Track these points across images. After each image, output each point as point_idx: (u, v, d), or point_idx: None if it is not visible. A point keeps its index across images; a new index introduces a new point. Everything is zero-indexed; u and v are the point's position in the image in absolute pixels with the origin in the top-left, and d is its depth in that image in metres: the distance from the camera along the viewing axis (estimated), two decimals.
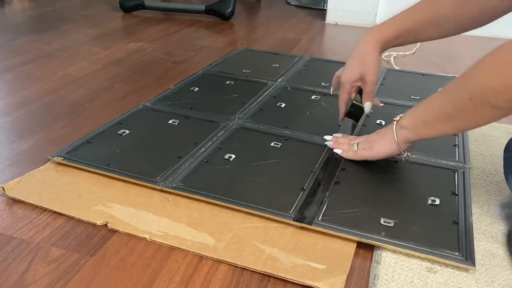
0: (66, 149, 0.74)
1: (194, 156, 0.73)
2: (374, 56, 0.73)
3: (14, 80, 1.08)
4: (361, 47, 0.74)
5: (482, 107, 0.53)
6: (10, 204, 0.63)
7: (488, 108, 0.52)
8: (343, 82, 0.76)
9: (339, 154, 0.73)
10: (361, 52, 0.74)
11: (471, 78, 0.54)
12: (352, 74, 0.75)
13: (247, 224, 0.59)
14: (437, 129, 0.60)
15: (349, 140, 0.74)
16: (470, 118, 0.55)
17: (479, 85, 0.52)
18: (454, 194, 0.66)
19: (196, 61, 1.24)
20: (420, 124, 0.62)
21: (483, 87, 0.52)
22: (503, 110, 0.52)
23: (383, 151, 0.68)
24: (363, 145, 0.71)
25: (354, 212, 0.61)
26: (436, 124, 0.60)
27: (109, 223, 0.59)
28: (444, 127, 0.59)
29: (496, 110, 0.52)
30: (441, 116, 0.58)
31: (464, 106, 0.54)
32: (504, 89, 0.50)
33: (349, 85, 0.76)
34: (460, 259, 0.54)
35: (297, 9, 1.98)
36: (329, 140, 0.77)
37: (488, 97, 0.51)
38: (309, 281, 0.50)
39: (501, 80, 0.50)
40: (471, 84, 0.53)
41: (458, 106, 0.55)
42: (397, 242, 0.56)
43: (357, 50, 0.75)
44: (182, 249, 0.55)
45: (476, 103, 0.53)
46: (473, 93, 0.53)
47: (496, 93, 0.50)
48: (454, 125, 0.58)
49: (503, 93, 0.50)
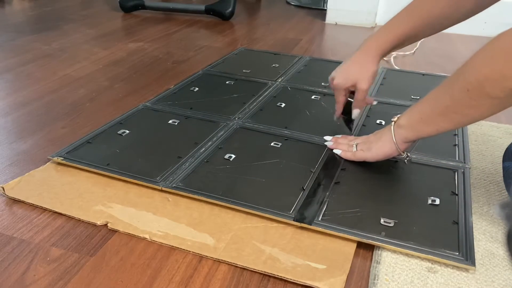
0: (66, 149, 0.74)
1: (194, 156, 0.73)
2: (372, 66, 0.73)
3: (14, 80, 1.08)
4: (360, 55, 0.74)
5: (479, 98, 0.52)
6: (10, 204, 0.63)
7: (484, 98, 0.52)
8: (336, 87, 0.77)
9: (339, 155, 0.73)
10: (360, 59, 0.74)
11: (467, 69, 0.53)
12: (345, 81, 0.75)
13: (247, 224, 0.59)
14: (435, 124, 0.59)
15: (348, 140, 0.74)
16: (468, 111, 0.54)
17: (475, 76, 0.52)
18: (454, 194, 0.66)
19: (196, 61, 1.24)
20: (418, 121, 0.61)
21: (479, 77, 0.51)
22: (500, 100, 0.51)
23: (381, 152, 0.67)
24: (362, 146, 0.71)
25: (354, 212, 0.61)
26: (433, 119, 0.59)
27: (109, 223, 0.59)
28: (442, 122, 0.58)
29: (492, 100, 0.51)
30: (438, 110, 0.58)
31: (461, 97, 0.54)
32: (499, 78, 0.49)
33: (342, 91, 0.77)
34: (460, 259, 0.54)
35: (297, 9, 1.98)
36: (329, 140, 0.77)
37: (484, 87, 0.51)
38: (309, 281, 0.50)
39: (497, 69, 0.49)
40: (467, 75, 0.53)
41: (455, 98, 0.55)
42: (397, 242, 0.56)
43: (356, 57, 0.75)
44: (182, 249, 0.55)
45: (472, 93, 0.52)
46: (469, 84, 0.52)
47: (491, 83, 0.50)
48: (451, 119, 0.57)
49: (498, 82, 0.49)
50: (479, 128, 0.88)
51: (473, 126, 0.89)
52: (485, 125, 0.90)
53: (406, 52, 1.36)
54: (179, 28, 1.59)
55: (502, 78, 0.49)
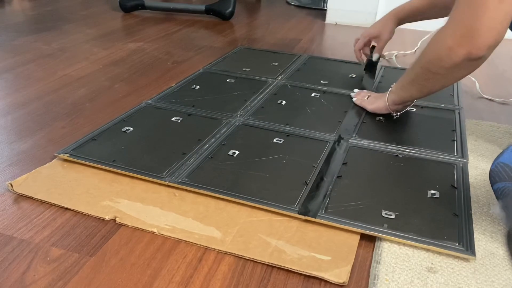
0: (72, 146, 0.75)
1: (198, 152, 0.74)
2: (392, 25, 1.03)
3: (14, 80, 1.08)
4: (384, 18, 1.05)
5: (428, 73, 0.72)
6: (10, 204, 0.63)
7: (432, 74, 0.72)
8: (363, 35, 1.08)
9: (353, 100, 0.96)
10: (384, 20, 1.05)
11: (422, 53, 0.74)
12: (372, 30, 1.06)
13: (253, 218, 0.61)
14: (409, 91, 0.80)
15: (365, 93, 0.96)
16: (426, 83, 0.75)
17: (424, 58, 0.73)
18: (454, 187, 0.67)
19: (196, 61, 1.24)
20: (400, 88, 0.82)
21: (426, 59, 0.72)
22: (442, 75, 0.70)
23: (377, 107, 0.89)
24: (369, 99, 0.92)
25: (357, 205, 0.63)
26: (407, 87, 0.80)
27: (117, 217, 0.60)
28: (412, 90, 0.79)
29: (437, 76, 0.71)
30: (409, 81, 0.79)
31: (420, 72, 0.75)
32: (437, 58, 0.69)
33: (367, 38, 1.07)
34: (460, 250, 0.55)
35: (297, 9, 1.99)
36: (355, 92, 0.99)
37: (429, 66, 0.71)
38: (315, 271, 0.52)
39: (435, 52, 0.69)
40: (421, 57, 0.74)
41: (417, 73, 0.76)
42: (398, 234, 0.57)
43: (381, 19, 1.06)
44: (190, 242, 0.56)
45: (424, 70, 0.73)
46: (422, 63, 0.73)
47: (433, 62, 0.70)
48: (417, 88, 0.78)
49: (436, 62, 0.69)
50: (478, 128, 0.89)
51: (473, 126, 0.90)
52: (485, 125, 0.91)
53: (407, 51, 1.37)
54: (179, 28, 1.60)
55: (438, 60, 0.68)
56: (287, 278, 0.52)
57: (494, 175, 0.61)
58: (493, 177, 0.62)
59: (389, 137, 0.82)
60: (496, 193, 0.61)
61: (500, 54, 0.68)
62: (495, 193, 0.62)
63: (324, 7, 1.89)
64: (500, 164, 0.60)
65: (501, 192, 0.62)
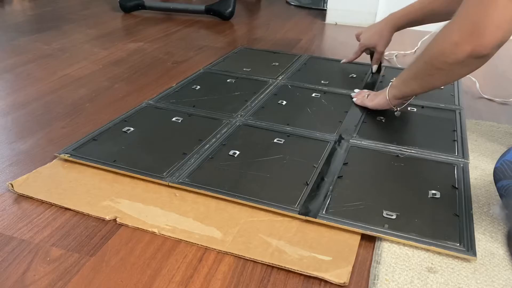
0: (72, 146, 0.75)
1: (198, 153, 0.74)
2: (388, 35, 1.05)
3: (14, 80, 1.08)
4: (381, 25, 1.06)
5: (432, 68, 0.72)
6: (11, 204, 0.63)
7: (435, 69, 0.72)
8: (361, 43, 1.11)
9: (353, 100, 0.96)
10: (380, 28, 1.06)
11: (427, 48, 0.74)
12: (369, 41, 1.09)
13: (253, 218, 0.60)
14: (410, 86, 0.80)
15: (365, 93, 0.96)
16: (428, 78, 0.75)
17: (429, 53, 0.73)
18: (455, 187, 0.67)
19: (196, 61, 1.24)
20: (401, 83, 0.82)
21: (430, 54, 0.72)
22: (445, 71, 0.70)
23: (378, 103, 0.89)
24: (369, 97, 0.92)
25: (357, 205, 0.63)
26: (409, 82, 0.80)
27: (118, 218, 0.60)
28: (414, 85, 0.79)
29: (440, 71, 0.71)
30: (412, 76, 0.79)
31: (423, 68, 0.75)
32: (441, 53, 0.69)
33: (364, 48, 1.11)
34: (461, 250, 0.55)
35: (297, 9, 1.99)
36: (355, 92, 0.99)
37: (433, 61, 0.71)
38: (316, 272, 0.52)
39: (440, 47, 0.69)
40: (425, 51, 0.74)
41: (420, 68, 0.76)
42: (400, 234, 0.57)
43: (378, 25, 1.07)
44: (190, 242, 0.56)
45: (427, 65, 0.73)
46: (426, 58, 0.73)
47: (436, 58, 0.70)
48: (419, 83, 0.78)
49: (440, 57, 0.69)
50: (479, 128, 0.89)
51: (473, 126, 0.89)
52: (485, 125, 0.90)
53: (407, 51, 1.37)
54: (179, 28, 1.59)
55: (442, 55, 0.69)
56: (287, 278, 0.52)
57: (499, 172, 0.61)
58: (497, 175, 0.61)
59: (389, 137, 0.82)
60: (499, 190, 0.61)
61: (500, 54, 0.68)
62: (499, 191, 0.62)
63: (324, 7, 1.89)
64: (505, 162, 0.60)
65: (505, 190, 0.62)
